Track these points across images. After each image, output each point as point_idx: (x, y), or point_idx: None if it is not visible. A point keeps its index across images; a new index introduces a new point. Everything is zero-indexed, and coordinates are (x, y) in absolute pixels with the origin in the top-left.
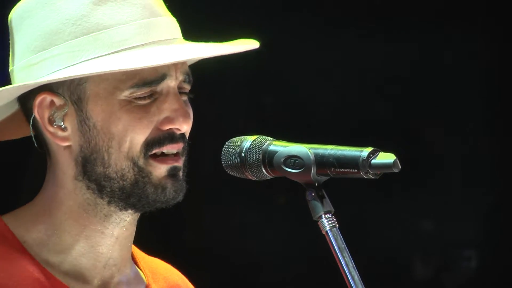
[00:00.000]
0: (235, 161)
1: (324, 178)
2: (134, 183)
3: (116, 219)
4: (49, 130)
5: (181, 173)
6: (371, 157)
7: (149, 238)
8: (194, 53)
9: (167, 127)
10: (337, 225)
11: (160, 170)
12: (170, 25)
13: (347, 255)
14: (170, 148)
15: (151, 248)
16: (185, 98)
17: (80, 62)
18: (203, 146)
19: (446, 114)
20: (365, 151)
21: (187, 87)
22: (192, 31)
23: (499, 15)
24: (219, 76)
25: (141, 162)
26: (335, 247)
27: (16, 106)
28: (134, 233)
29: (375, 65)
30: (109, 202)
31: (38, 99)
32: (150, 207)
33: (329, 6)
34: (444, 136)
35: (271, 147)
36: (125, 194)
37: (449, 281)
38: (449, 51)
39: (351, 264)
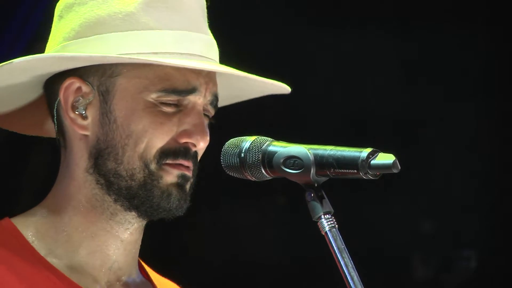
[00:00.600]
0: (234, 162)
1: (323, 179)
2: (142, 184)
3: (121, 219)
4: (69, 116)
5: (188, 187)
6: (370, 158)
7: (147, 238)
8: (228, 70)
9: (184, 140)
10: (336, 225)
11: (171, 175)
12: (212, 45)
13: (346, 256)
14: (183, 163)
15: (149, 249)
16: (206, 121)
17: (120, 55)
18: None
19: (445, 113)
20: (365, 152)
21: (211, 111)
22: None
23: (499, 15)
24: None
25: (153, 166)
26: (335, 248)
27: (36, 94)
28: (140, 241)
29: (374, 65)
30: (115, 200)
31: (66, 82)
32: (153, 212)
33: (328, 6)
34: (444, 135)
35: (271, 148)
36: (131, 194)
37: (448, 281)
38: (448, 51)
39: (350, 264)
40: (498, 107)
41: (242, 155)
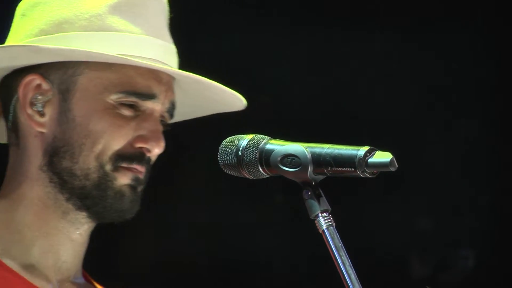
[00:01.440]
0: (232, 160)
1: (321, 177)
2: (96, 185)
3: (72, 218)
4: (27, 112)
5: (140, 189)
6: (367, 156)
7: (146, 236)
8: (190, 75)
9: (139, 144)
10: (334, 224)
11: (125, 177)
12: (173, 53)
13: (343, 254)
14: (137, 168)
15: (149, 246)
16: (163, 128)
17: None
18: (201, 144)
19: (444, 112)
20: (362, 150)
21: (168, 118)
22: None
23: (501, 15)
24: (217, 74)
25: (107, 167)
26: (332, 246)
27: None
28: (87, 244)
29: (372, 64)
30: (67, 199)
31: (27, 78)
32: (104, 213)
33: (328, 6)
34: (443, 135)
35: (268, 146)
36: (84, 194)
37: (446, 280)
38: (447, 50)
39: (347, 263)
40: (498, 106)
41: (240, 153)
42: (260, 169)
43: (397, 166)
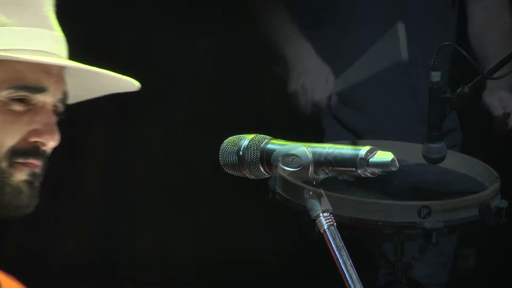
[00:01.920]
0: (233, 160)
1: (322, 177)
2: None
3: None
4: None
5: (37, 184)
6: (368, 156)
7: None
8: (80, 66)
9: (33, 139)
10: (335, 223)
11: (22, 172)
12: (61, 42)
13: (345, 254)
14: (33, 163)
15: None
16: (57, 118)
17: None
18: (202, 144)
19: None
20: (363, 150)
21: (61, 108)
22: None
23: None
24: (216, 73)
25: (3, 164)
26: (333, 246)
27: None
28: None
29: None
30: None
31: None
32: (1, 209)
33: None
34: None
35: (269, 146)
36: None
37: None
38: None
39: (348, 262)
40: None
41: (241, 153)
42: (261, 169)
43: (398, 166)
